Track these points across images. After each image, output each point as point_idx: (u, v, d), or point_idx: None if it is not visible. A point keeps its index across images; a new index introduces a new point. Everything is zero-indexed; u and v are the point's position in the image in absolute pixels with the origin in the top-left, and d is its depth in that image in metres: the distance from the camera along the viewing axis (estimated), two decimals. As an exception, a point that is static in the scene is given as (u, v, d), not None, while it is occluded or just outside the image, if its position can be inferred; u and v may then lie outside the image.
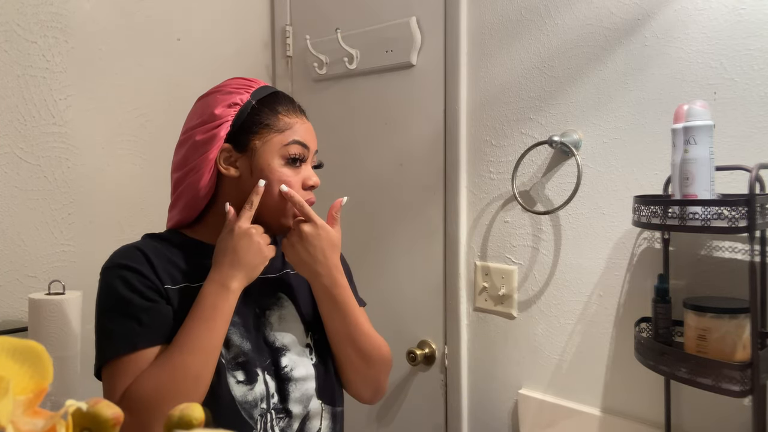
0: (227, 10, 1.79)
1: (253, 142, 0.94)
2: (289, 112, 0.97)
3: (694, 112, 0.96)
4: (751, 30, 1.05)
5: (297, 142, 0.95)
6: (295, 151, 0.95)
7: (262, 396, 0.90)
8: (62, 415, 0.31)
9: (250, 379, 0.90)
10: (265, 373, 0.92)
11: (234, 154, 0.94)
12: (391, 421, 1.63)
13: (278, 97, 0.98)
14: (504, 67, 1.38)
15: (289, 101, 0.99)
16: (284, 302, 1.00)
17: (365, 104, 1.68)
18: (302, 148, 0.96)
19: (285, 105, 0.97)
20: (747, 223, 0.89)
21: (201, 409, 0.35)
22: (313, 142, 0.99)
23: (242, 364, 0.90)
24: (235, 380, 0.88)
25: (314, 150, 0.99)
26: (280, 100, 0.98)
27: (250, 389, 0.89)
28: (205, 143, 0.94)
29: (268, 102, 0.96)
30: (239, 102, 0.95)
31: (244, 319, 0.94)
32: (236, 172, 0.95)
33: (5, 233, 1.34)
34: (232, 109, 0.94)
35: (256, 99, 0.95)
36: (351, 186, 1.72)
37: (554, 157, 1.31)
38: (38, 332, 1.22)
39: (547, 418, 1.31)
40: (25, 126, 1.37)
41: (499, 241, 1.41)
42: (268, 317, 0.97)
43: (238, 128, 0.94)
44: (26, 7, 1.36)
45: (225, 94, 0.96)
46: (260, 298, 0.97)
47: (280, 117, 0.95)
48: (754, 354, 0.90)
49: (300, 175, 0.96)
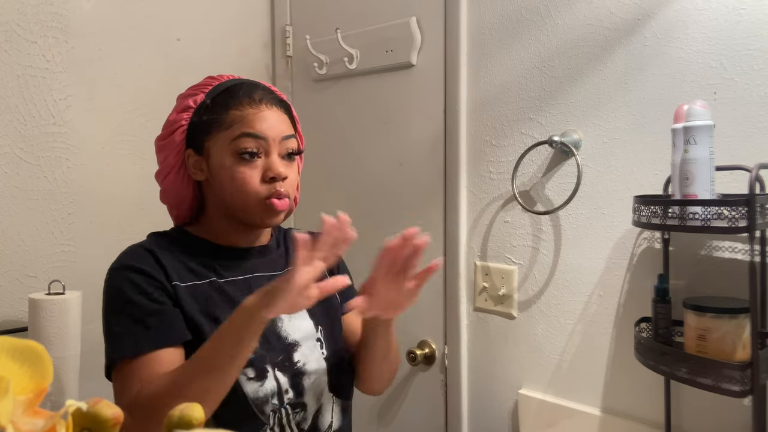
0: (227, 10, 1.79)
1: (206, 144, 0.94)
2: (242, 105, 0.93)
3: (694, 112, 0.96)
4: (751, 30, 1.05)
5: (245, 135, 0.91)
6: (245, 145, 0.90)
7: (273, 392, 0.90)
8: (62, 415, 0.31)
9: (259, 375, 0.90)
10: (276, 369, 0.92)
11: (197, 158, 0.95)
12: (391, 421, 1.63)
13: (232, 90, 0.94)
14: (504, 67, 1.38)
15: (246, 92, 0.94)
16: None
17: (365, 104, 1.68)
18: (254, 140, 0.91)
19: (237, 98, 0.93)
20: (747, 223, 0.88)
21: (201, 409, 0.35)
22: (275, 129, 0.93)
23: (252, 360, 0.89)
24: (245, 377, 0.88)
25: (280, 137, 0.93)
26: (233, 93, 0.94)
27: (261, 385, 0.89)
28: (164, 149, 0.97)
29: (220, 99, 0.94)
30: (193, 104, 0.95)
31: None
32: (203, 175, 0.96)
33: (5, 233, 1.34)
34: (186, 112, 0.95)
35: (211, 98, 0.94)
36: (351, 186, 1.72)
37: (554, 157, 1.31)
38: (38, 332, 1.23)
39: (547, 418, 1.31)
40: (25, 126, 1.37)
41: (499, 241, 1.41)
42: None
43: (194, 131, 0.95)
44: (26, 7, 1.36)
45: (183, 98, 0.97)
46: None
47: (230, 112, 0.92)
48: (754, 354, 0.90)
49: (257, 168, 0.92)
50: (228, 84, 0.96)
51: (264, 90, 0.96)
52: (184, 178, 0.97)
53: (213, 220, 0.99)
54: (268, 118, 0.93)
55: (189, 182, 0.97)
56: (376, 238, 1.65)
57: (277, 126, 0.93)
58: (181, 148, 0.96)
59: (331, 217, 0.77)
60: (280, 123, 0.94)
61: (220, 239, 0.99)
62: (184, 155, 0.96)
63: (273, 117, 0.93)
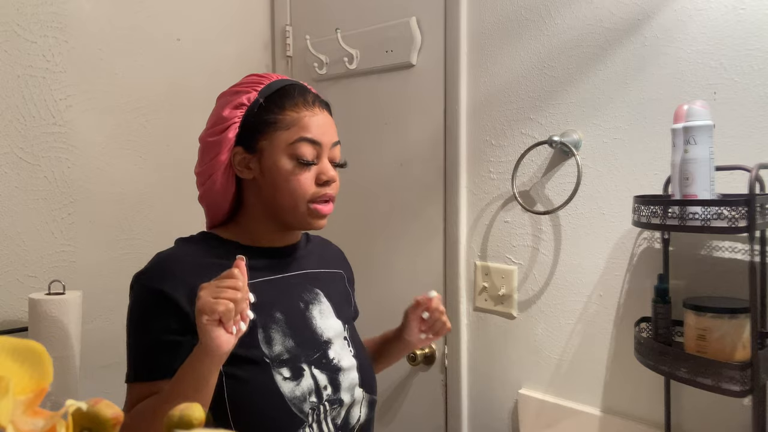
0: (227, 10, 1.79)
1: (261, 143, 0.93)
2: (297, 106, 0.93)
3: (694, 112, 0.96)
4: (751, 30, 1.05)
5: (303, 140, 0.92)
6: (303, 151, 0.92)
7: (311, 390, 0.90)
8: (62, 415, 0.31)
9: (296, 374, 0.90)
10: (312, 367, 0.92)
11: (246, 155, 0.94)
12: (391, 421, 1.63)
13: (286, 90, 0.95)
14: (504, 67, 1.38)
15: (300, 93, 0.95)
16: (321, 298, 1.01)
17: (365, 104, 1.68)
18: (311, 146, 0.92)
19: (293, 98, 0.94)
20: (747, 223, 0.88)
21: (201, 409, 0.35)
22: (328, 135, 0.95)
23: (286, 361, 0.90)
24: (281, 377, 0.89)
25: (331, 143, 0.95)
26: (288, 93, 0.94)
27: (297, 384, 0.90)
28: (215, 146, 0.94)
29: (275, 98, 0.94)
30: (246, 102, 0.94)
31: (288, 314, 0.94)
32: (250, 174, 0.95)
33: (5, 233, 1.34)
34: (239, 110, 0.94)
35: (265, 96, 0.94)
36: (351, 186, 1.72)
37: (554, 157, 1.31)
38: (38, 332, 1.23)
39: (547, 418, 1.31)
40: (25, 126, 1.37)
41: (499, 241, 1.41)
42: (311, 311, 0.98)
43: (247, 129, 0.94)
44: (26, 7, 1.36)
45: (233, 95, 0.96)
46: (303, 293, 0.99)
47: (286, 113, 0.93)
48: (754, 354, 0.91)
49: (312, 171, 0.93)
50: (281, 84, 0.96)
51: (314, 92, 0.98)
52: (230, 176, 0.95)
53: (252, 220, 0.98)
54: (322, 121, 0.95)
55: (233, 181, 0.96)
56: (376, 238, 1.66)
57: (329, 131, 0.96)
58: (232, 146, 0.94)
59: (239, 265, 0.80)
60: (331, 128, 0.97)
61: (254, 240, 0.98)
62: (232, 153, 0.94)
63: (326, 121, 0.96)
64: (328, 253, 1.14)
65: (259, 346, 0.89)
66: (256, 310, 0.89)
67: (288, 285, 0.98)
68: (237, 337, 0.79)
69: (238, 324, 0.78)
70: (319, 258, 1.08)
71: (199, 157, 0.98)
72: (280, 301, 0.95)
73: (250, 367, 0.87)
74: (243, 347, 0.87)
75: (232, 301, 0.76)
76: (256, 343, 0.89)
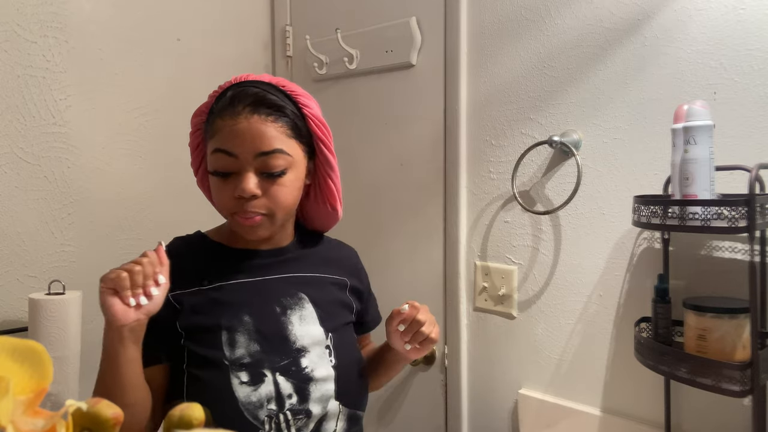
0: (227, 10, 1.79)
1: (206, 151, 0.95)
2: (224, 114, 0.89)
3: (694, 112, 0.96)
4: (751, 30, 1.05)
5: (218, 150, 0.89)
6: (217, 163, 0.89)
7: (270, 397, 0.89)
8: (62, 415, 0.31)
9: (255, 380, 0.89)
10: (277, 373, 0.90)
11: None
12: (391, 421, 1.63)
13: (223, 96, 0.92)
14: (504, 67, 1.38)
15: (231, 101, 0.89)
16: (305, 303, 0.98)
17: (365, 104, 1.68)
18: (225, 157, 0.88)
19: (224, 106, 0.90)
20: (747, 223, 0.89)
21: (201, 409, 0.35)
22: (248, 144, 0.87)
23: (247, 365, 0.89)
24: (238, 381, 0.88)
25: (253, 153, 0.88)
26: (223, 100, 0.91)
27: (255, 390, 0.88)
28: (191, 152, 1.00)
29: (215, 105, 0.93)
30: (205, 109, 0.96)
31: (259, 318, 0.93)
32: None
33: (5, 233, 1.34)
34: (199, 117, 0.97)
35: (216, 102, 0.93)
36: (351, 186, 1.72)
37: (554, 157, 1.31)
38: (38, 332, 1.22)
39: (547, 418, 1.31)
40: (25, 126, 1.37)
41: (499, 241, 1.41)
42: (289, 316, 0.95)
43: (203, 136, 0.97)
44: (26, 7, 1.36)
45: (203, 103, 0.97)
46: (282, 297, 0.97)
47: (216, 121, 0.91)
48: (754, 354, 0.90)
49: (231, 183, 0.89)
50: (228, 89, 0.93)
51: (256, 98, 0.89)
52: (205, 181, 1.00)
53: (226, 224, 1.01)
54: (245, 132, 0.87)
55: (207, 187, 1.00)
56: (376, 238, 1.66)
57: (254, 142, 0.87)
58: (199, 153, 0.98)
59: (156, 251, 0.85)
60: (258, 138, 0.88)
61: (236, 243, 0.99)
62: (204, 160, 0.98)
63: (252, 130, 0.88)
64: (336, 257, 1.10)
65: (221, 348, 0.89)
66: (223, 312, 0.91)
67: (266, 288, 0.96)
68: (141, 312, 0.81)
69: (138, 297, 0.80)
70: (318, 261, 1.05)
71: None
72: (251, 304, 0.93)
73: (209, 368, 0.88)
74: (205, 347, 0.89)
75: (128, 273, 0.79)
76: (219, 345, 0.89)
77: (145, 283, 0.81)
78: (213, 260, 0.97)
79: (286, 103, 0.92)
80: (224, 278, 0.95)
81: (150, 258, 0.83)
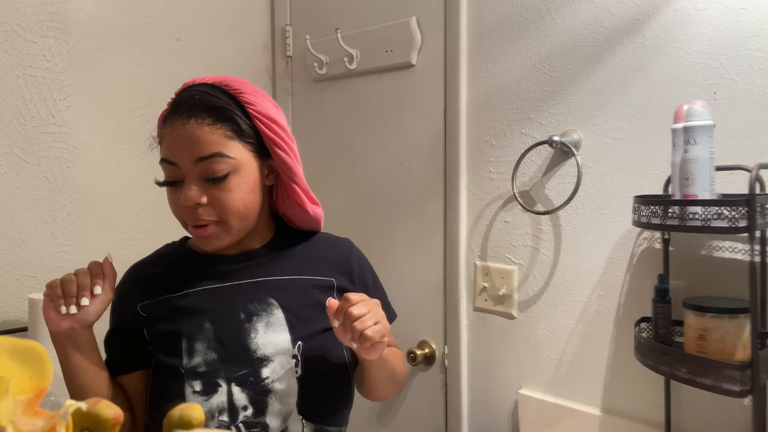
0: (227, 10, 1.79)
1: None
2: (165, 122, 0.88)
3: (694, 112, 0.96)
4: (751, 30, 1.05)
5: (162, 161, 0.89)
6: (164, 172, 0.89)
7: (221, 408, 0.86)
8: (62, 415, 0.31)
9: (207, 389, 0.86)
10: (233, 384, 0.86)
11: None
12: (391, 421, 1.63)
13: (170, 104, 0.90)
14: (504, 67, 1.38)
15: (174, 108, 0.88)
16: (273, 309, 0.92)
17: (365, 104, 1.68)
18: (168, 167, 0.87)
19: (168, 113, 0.89)
20: (747, 223, 0.88)
21: (201, 410, 0.35)
22: (185, 151, 0.85)
23: (201, 374, 0.87)
24: (191, 390, 0.86)
25: (192, 160, 0.85)
26: (169, 107, 0.90)
27: (206, 400, 0.86)
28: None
29: (165, 112, 0.92)
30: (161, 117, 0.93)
31: (220, 326, 0.90)
32: None
33: (5, 233, 1.34)
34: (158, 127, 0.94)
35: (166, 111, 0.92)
36: (351, 186, 1.72)
37: (554, 157, 1.31)
38: (38, 332, 1.22)
39: (547, 418, 1.31)
40: (25, 126, 1.37)
41: (499, 241, 1.41)
42: (254, 323, 0.90)
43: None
44: (26, 7, 1.36)
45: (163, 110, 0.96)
46: (248, 303, 0.92)
47: (163, 129, 0.90)
48: (754, 354, 0.90)
49: (178, 194, 0.88)
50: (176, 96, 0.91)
51: (193, 102, 0.87)
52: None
53: None
54: (182, 139, 0.85)
55: None
56: (376, 238, 1.66)
57: (193, 147, 0.85)
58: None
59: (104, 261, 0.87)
60: (196, 144, 0.85)
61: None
62: None
63: (186, 137, 0.85)
64: (323, 256, 1.02)
65: (180, 355, 0.88)
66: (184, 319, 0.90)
67: (232, 294, 0.92)
68: (74, 321, 0.84)
69: (69, 307, 0.83)
70: (298, 263, 0.98)
71: None
72: (214, 310, 0.90)
73: (167, 376, 0.88)
74: (165, 355, 0.89)
75: (62, 282, 0.83)
76: (178, 353, 0.88)
77: (79, 293, 0.83)
78: (183, 267, 0.96)
79: (227, 104, 0.88)
80: (191, 285, 0.93)
81: (90, 269, 0.85)
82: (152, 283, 0.94)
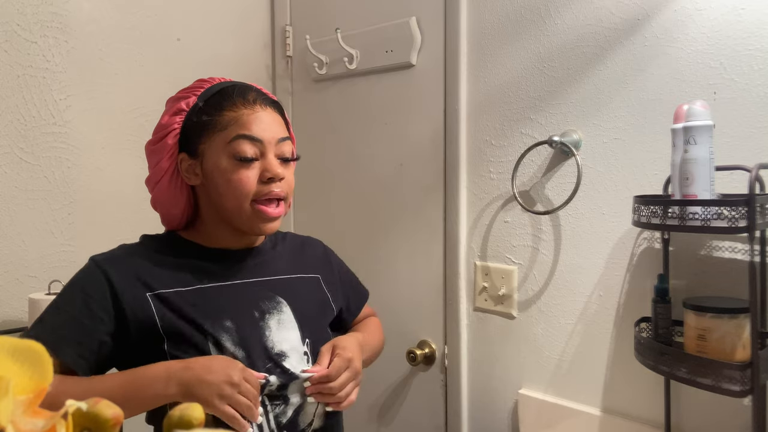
0: (227, 10, 1.79)
1: (201, 147, 0.93)
2: (236, 105, 0.91)
3: (694, 112, 0.96)
4: (751, 30, 1.05)
5: (241, 137, 0.90)
6: (241, 148, 0.90)
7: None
8: (62, 415, 0.31)
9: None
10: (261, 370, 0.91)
11: (192, 161, 0.94)
12: (391, 421, 1.63)
13: (225, 91, 0.93)
14: (504, 67, 1.38)
15: (239, 93, 0.93)
16: (283, 307, 0.97)
17: (365, 104, 1.68)
18: (250, 143, 0.90)
19: (231, 99, 0.92)
20: (747, 223, 0.88)
21: (201, 409, 0.35)
22: (270, 131, 0.92)
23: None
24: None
25: (276, 139, 0.92)
26: (226, 94, 0.93)
27: None
28: (156, 153, 0.95)
29: (213, 100, 0.93)
30: (185, 107, 0.94)
31: (240, 324, 0.92)
32: (197, 179, 0.95)
33: (5, 233, 1.34)
34: (178, 116, 0.94)
35: (204, 99, 0.93)
36: (351, 186, 1.72)
37: (554, 157, 1.31)
38: (38, 332, 1.22)
39: (547, 418, 1.31)
40: (25, 126, 1.37)
41: (499, 241, 1.41)
42: (267, 321, 0.94)
43: (188, 134, 0.94)
44: (26, 7, 1.36)
45: (174, 101, 0.96)
46: (260, 301, 0.95)
47: (224, 113, 0.91)
48: (754, 354, 0.90)
49: (254, 169, 0.91)
50: (220, 86, 0.95)
51: (257, 91, 0.95)
52: (177, 183, 0.95)
53: (207, 224, 0.98)
54: (263, 118, 0.92)
55: (183, 187, 0.96)
56: (376, 238, 1.66)
57: (272, 127, 0.93)
58: (174, 152, 0.94)
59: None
60: (275, 124, 0.93)
61: (212, 243, 0.98)
62: (177, 159, 0.95)
63: (268, 118, 0.93)
64: (307, 255, 1.10)
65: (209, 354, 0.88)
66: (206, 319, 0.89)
67: (244, 292, 0.95)
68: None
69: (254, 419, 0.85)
70: (293, 262, 1.05)
71: (147, 163, 0.99)
72: (232, 309, 0.92)
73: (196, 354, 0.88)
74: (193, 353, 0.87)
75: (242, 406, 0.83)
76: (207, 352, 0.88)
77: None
78: (191, 261, 0.95)
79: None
80: (202, 280, 0.93)
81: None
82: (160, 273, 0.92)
